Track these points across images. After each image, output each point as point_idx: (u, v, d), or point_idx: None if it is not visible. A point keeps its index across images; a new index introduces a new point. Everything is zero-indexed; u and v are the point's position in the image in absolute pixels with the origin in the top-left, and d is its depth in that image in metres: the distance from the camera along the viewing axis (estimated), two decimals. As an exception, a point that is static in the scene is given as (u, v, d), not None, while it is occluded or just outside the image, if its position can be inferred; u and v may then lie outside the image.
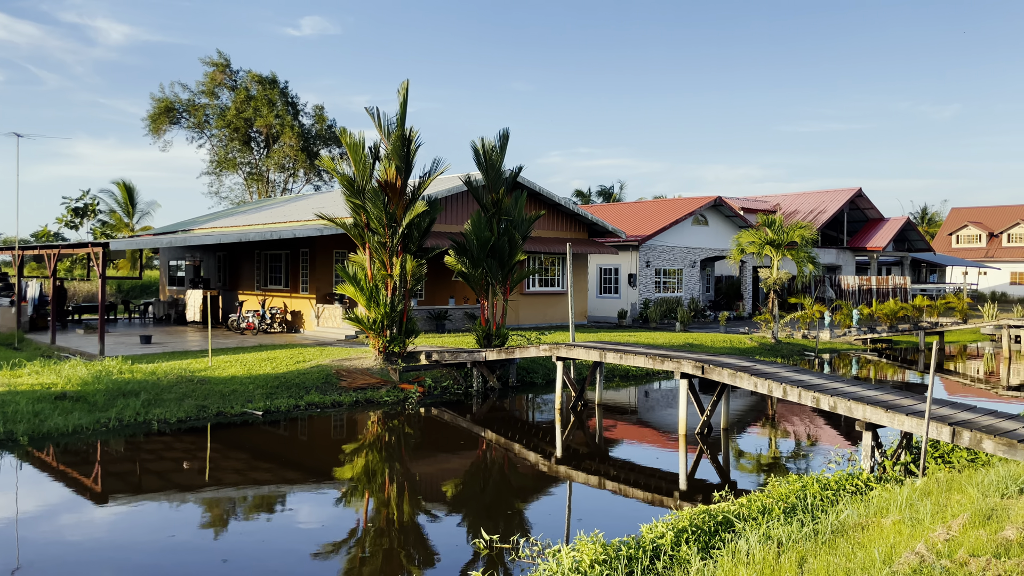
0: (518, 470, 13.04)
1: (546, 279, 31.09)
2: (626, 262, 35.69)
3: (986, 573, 4.82)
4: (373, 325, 18.74)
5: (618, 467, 12.89)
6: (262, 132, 55.90)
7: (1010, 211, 72.21)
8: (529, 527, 9.73)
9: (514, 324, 28.29)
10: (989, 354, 31.04)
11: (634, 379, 22.07)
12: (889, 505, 6.96)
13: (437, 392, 18.67)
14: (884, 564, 5.22)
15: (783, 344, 28.01)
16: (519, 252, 20.57)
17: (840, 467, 11.00)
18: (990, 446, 9.01)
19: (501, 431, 15.53)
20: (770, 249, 29.50)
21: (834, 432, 15.70)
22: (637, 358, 15.35)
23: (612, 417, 17.08)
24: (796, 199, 51.95)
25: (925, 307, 35.64)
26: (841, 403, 10.88)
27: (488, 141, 20.54)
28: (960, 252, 69.35)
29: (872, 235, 50.00)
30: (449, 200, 27.18)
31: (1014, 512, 5.93)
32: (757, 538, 6.43)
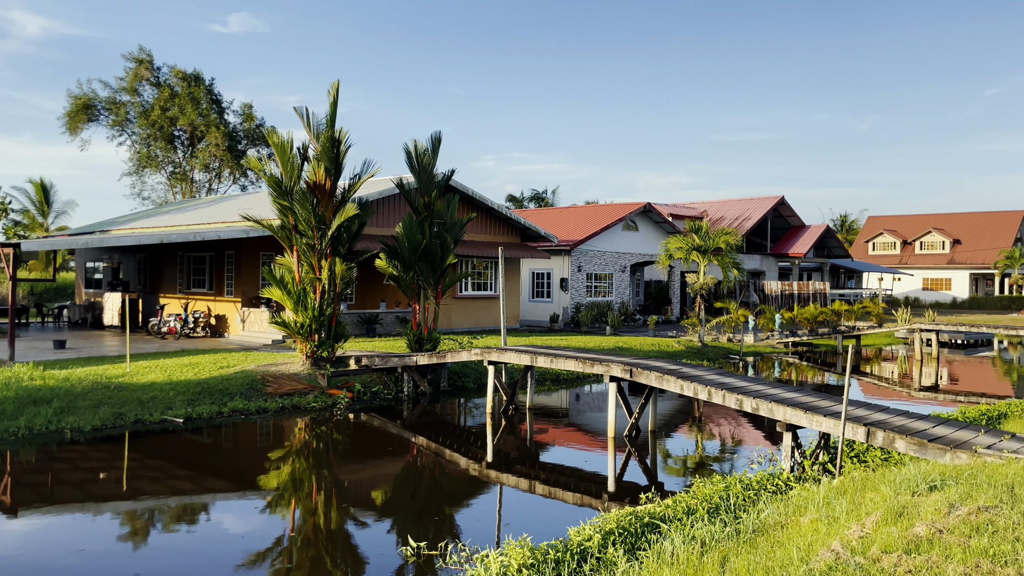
0: (449, 475, 12.97)
1: (479, 283, 31.07)
2: (558, 266, 35.97)
3: (897, 569, 5.00)
4: (301, 329, 18.38)
5: (548, 470, 12.95)
6: (186, 131, 54.29)
7: (923, 220, 75.66)
8: (459, 532, 9.68)
9: (446, 328, 28.17)
10: (903, 357, 32.40)
11: (565, 383, 22.23)
12: (807, 504, 7.16)
13: (367, 397, 18.43)
14: (801, 562, 5.37)
15: (709, 347, 28.65)
16: (451, 256, 20.50)
17: (762, 467, 11.29)
18: (902, 445, 9.39)
19: (432, 436, 15.43)
20: (697, 255, 30.16)
21: (758, 433, 16.12)
22: (567, 362, 15.46)
23: (543, 421, 17.16)
24: (722, 206, 53.29)
25: (843, 312, 36.98)
26: (763, 405, 11.17)
27: (420, 144, 20.42)
28: (876, 259, 72.31)
29: (794, 242, 51.65)
30: (381, 203, 26.90)
31: (924, 509, 6.18)
32: (682, 539, 6.54)
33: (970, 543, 5.30)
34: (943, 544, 5.33)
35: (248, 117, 56.60)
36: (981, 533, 5.48)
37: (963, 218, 73.42)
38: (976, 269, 67.57)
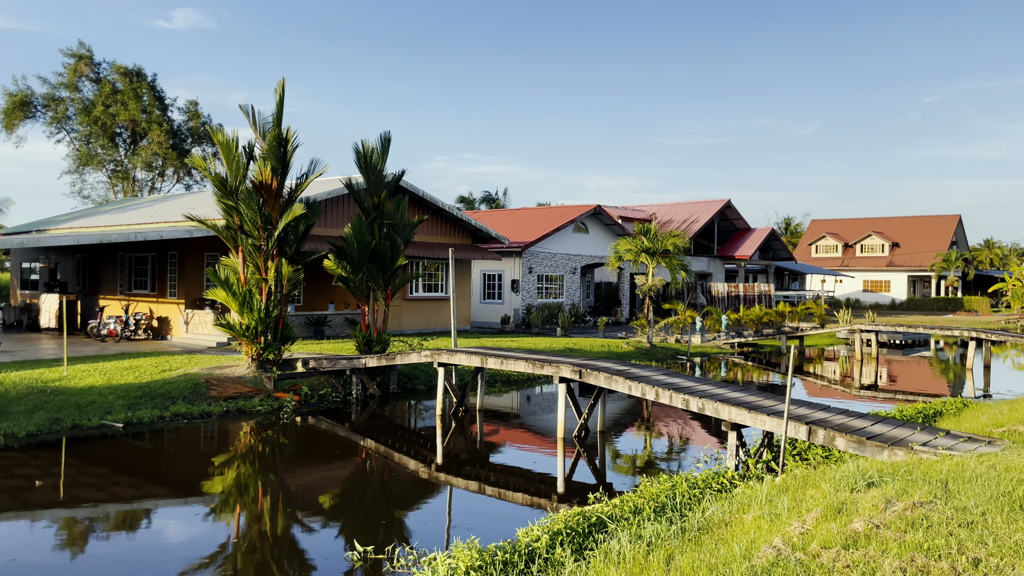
0: (398, 478, 12.86)
1: (430, 284, 30.93)
2: (509, 268, 36.01)
3: (836, 564, 5.11)
4: (246, 332, 18.05)
5: (498, 472, 12.94)
6: (128, 128, 52.86)
7: (863, 223, 77.84)
8: (408, 535, 9.61)
9: (396, 330, 27.97)
10: (844, 357, 33.25)
11: (516, 384, 22.26)
12: (751, 501, 7.29)
13: (314, 400, 18.18)
14: (744, 558, 5.46)
15: (658, 348, 29.00)
16: (401, 257, 20.35)
17: (708, 466, 11.46)
18: (842, 443, 9.63)
19: (381, 439, 15.29)
20: (646, 257, 30.50)
21: (704, 432, 16.36)
22: (518, 363, 15.48)
23: (493, 422, 17.15)
24: (671, 209, 54.03)
25: (787, 313, 37.81)
26: (709, 404, 11.34)
27: (369, 144, 20.23)
28: (819, 261, 74.13)
29: (740, 244, 52.64)
30: (329, 203, 26.58)
31: (862, 505, 6.34)
32: (628, 538, 6.59)
33: (906, 538, 5.45)
34: (880, 539, 5.47)
35: (193, 115, 55.39)
36: (916, 528, 5.64)
37: (902, 222, 75.75)
38: (914, 271, 69.77)
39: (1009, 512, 5.87)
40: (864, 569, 4.98)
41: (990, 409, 14.11)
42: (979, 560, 5.01)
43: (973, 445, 9.28)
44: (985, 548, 5.20)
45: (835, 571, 5.00)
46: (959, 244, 74.97)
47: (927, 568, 4.92)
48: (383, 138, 20.40)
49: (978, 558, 5.04)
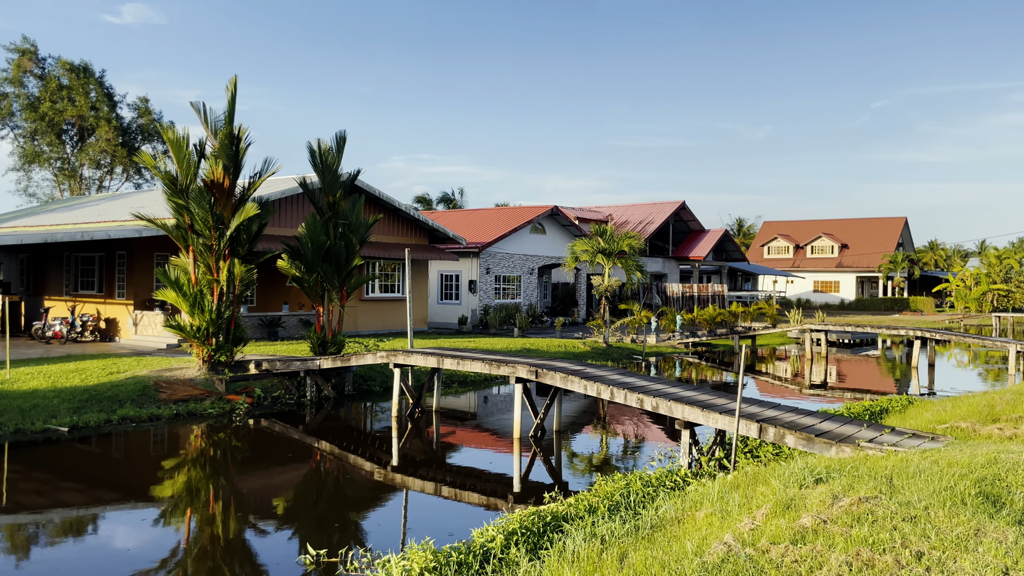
0: (353, 480, 12.75)
1: (386, 285, 30.72)
2: (467, 268, 35.96)
3: (784, 559, 5.21)
4: (197, 333, 17.71)
5: (455, 473, 12.90)
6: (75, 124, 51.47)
7: (813, 225, 79.51)
8: (363, 538, 9.53)
9: (352, 331, 27.72)
10: (795, 356, 33.91)
11: (473, 384, 22.23)
12: (703, 499, 7.38)
13: (267, 403, 17.92)
14: (695, 555, 5.52)
15: (614, 348, 29.23)
16: (357, 257, 20.17)
17: (662, 464, 11.59)
18: (792, 440, 9.82)
19: (336, 441, 15.14)
20: (602, 257, 30.72)
21: (659, 431, 16.53)
22: (474, 363, 15.46)
23: (450, 423, 17.10)
24: (627, 210, 54.52)
25: (740, 313, 38.43)
26: (663, 403, 11.47)
27: (324, 142, 20.02)
28: (771, 262, 75.51)
29: (694, 245, 53.34)
30: (283, 202, 26.24)
31: (810, 501, 6.46)
32: (583, 536, 6.62)
33: (852, 532, 5.57)
34: (827, 534, 5.58)
35: (143, 112, 54.19)
36: (862, 523, 5.77)
37: (851, 224, 77.57)
38: (862, 272, 71.49)
39: (951, 506, 6.04)
40: (811, 563, 5.08)
41: (934, 406, 14.52)
42: (922, 553, 5.14)
43: (917, 441, 9.54)
44: (928, 541, 5.34)
45: (783, 566, 5.10)
46: (905, 246, 77.05)
47: (872, 562, 5.03)
48: (338, 137, 20.21)
49: (921, 551, 5.18)
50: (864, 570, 4.91)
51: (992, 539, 5.33)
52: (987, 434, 11.17)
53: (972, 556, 5.02)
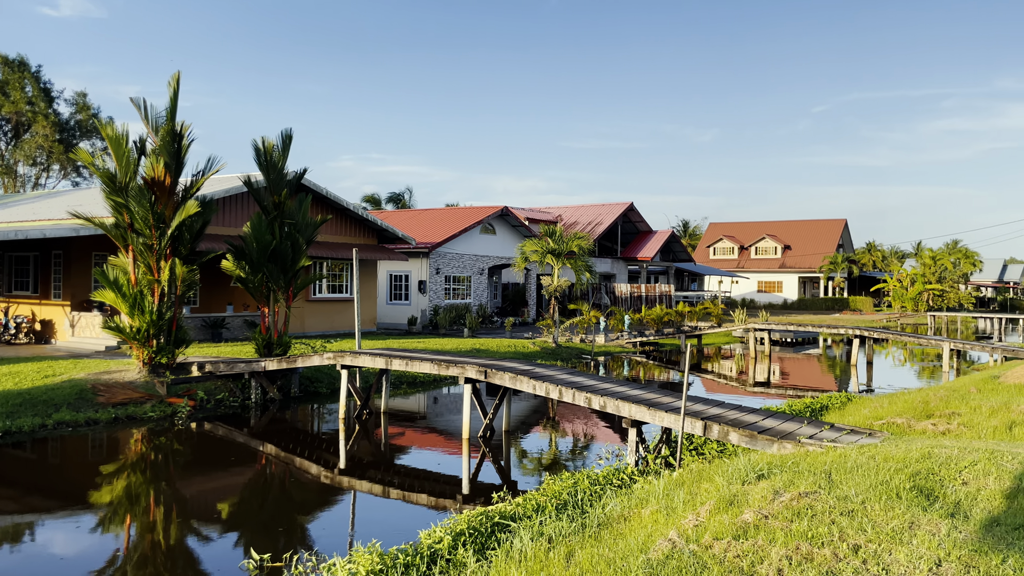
0: (299, 483, 12.56)
1: (335, 285, 30.35)
2: (416, 269, 35.76)
3: (727, 554, 5.30)
4: (137, 335, 17.25)
5: (403, 474, 12.81)
6: (10, 120, 49.67)
7: (757, 227, 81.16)
8: (309, 542, 9.39)
9: (299, 332, 27.32)
10: (739, 354, 34.56)
11: (422, 385, 22.11)
12: (649, 496, 7.47)
13: (211, 406, 17.54)
14: (640, 551, 5.59)
15: (563, 348, 29.39)
16: (303, 257, 19.88)
17: (609, 463, 11.69)
18: (735, 437, 9.99)
19: (282, 444, 14.90)
20: (551, 258, 30.86)
21: (608, 430, 16.67)
22: (423, 364, 15.37)
23: (399, 424, 16.98)
24: (576, 211, 54.88)
25: (687, 313, 39.01)
26: (610, 402, 11.57)
27: (270, 140, 19.69)
28: (716, 263, 76.84)
29: (642, 246, 53.97)
30: (228, 201, 25.74)
31: (752, 497, 6.59)
32: (530, 536, 6.64)
33: (792, 527, 5.69)
34: (768, 529, 5.70)
35: (82, 107, 52.57)
36: (802, 517, 5.90)
37: (793, 225, 79.39)
38: (804, 273, 73.24)
39: (886, 500, 6.22)
40: (753, 558, 5.17)
41: (871, 403, 14.94)
42: (859, 546, 5.29)
43: (855, 437, 9.80)
44: (864, 535, 5.49)
45: (726, 561, 5.18)
46: (845, 247, 79.18)
47: (811, 555, 5.15)
48: (284, 135, 19.90)
49: (858, 544, 5.32)
50: (803, 564, 5.03)
51: (926, 531, 5.51)
52: (921, 429, 11.54)
53: (907, 548, 5.18)
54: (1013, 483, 6.68)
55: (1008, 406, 12.75)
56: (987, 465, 7.24)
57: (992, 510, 6.05)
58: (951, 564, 4.91)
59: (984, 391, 15.11)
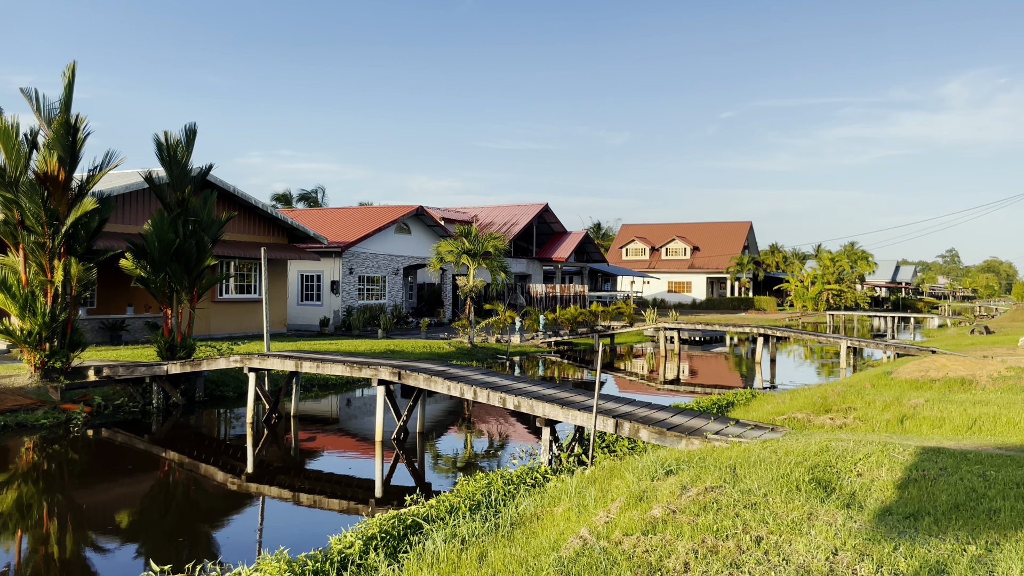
0: (205, 491, 12.12)
1: (242, 286, 29.47)
2: (329, 269, 35.09)
3: (636, 549, 5.38)
4: (28, 338, 16.30)
5: (314, 479, 12.54)
6: None
7: (668, 228, 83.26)
8: (215, 551, 9.07)
9: (205, 334, 26.41)
10: (651, 353, 35.36)
11: (334, 388, 21.71)
12: (562, 494, 7.53)
13: (109, 411, 16.75)
14: (552, 549, 5.62)
15: (479, 348, 29.40)
16: (209, 256, 19.22)
17: (523, 462, 11.74)
18: (645, 434, 10.20)
19: (186, 450, 14.35)
20: (467, 258, 30.84)
21: (523, 429, 16.75)
22: (335, 366, 15.09)
23: (310, 428, 16.61)
24: (492, 211, 55.00)
25: (600, 312, 39.65)
26: (525, 402, 11.63)
27: (173, 135, 18.96)
28: (629, 263, 78.42)
29: (557, 247, 54.55)
30: (128, 198, 24.65)
31: (660, 492, 6.73)
32: (443, 537, 6.59)
33: (698, 521, 5.83)
34: (676, 523, 5.82)
35: (-35, 96, 49.33)
36: (708, 511, 6.06)
37: (701, 227, 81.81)
38: (712, 273, 75.56)
39: (787, 492, 6.45)
40: (661, 552, 5.27)
41: (774, 399, 15.52)
42: (761, 538, 5.46)
43: (759, 432, 10.15)
44: (766, 526, 5.67)
45: (635, 556, 5.27)
46: (750, 248, 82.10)
47: (716, 548, 5.29)
48: (188, 130, 19.19)
49: (760, 536, 5.49)
50: (709, 556, 5.15)
51: (823, 522, 5.73)
52: (820, 424, 12.06)
53: (805, 539, 5.38)
54: (904, 474, 7.04)
55: (899, 400, 13.47)
56: (880, 457, 7.61)
57: (885, 500, 6.35)
58: (847, 553, 5.12)
59: (878, 386, 15.91)
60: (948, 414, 12.16)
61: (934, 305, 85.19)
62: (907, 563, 4.88)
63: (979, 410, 12.27)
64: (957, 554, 5.07)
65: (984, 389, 15.01)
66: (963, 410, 12.33)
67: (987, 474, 7.01)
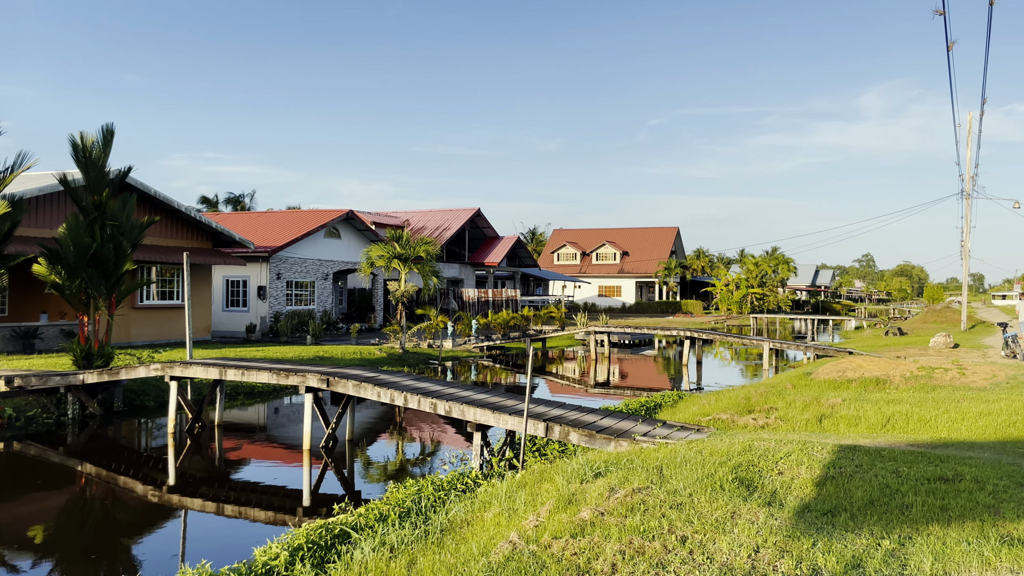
0: (124, 504, 11.68)
1: (165, 292, 28.55)
2: (256, 274, 34.31)
3: (564, 552, 5.42)
4: (-69, 347, 15.43)
5: (239, 489, 12.22)
6: None
7: (598, 233, 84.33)
8: (135, 566, 8.74)
9: (124, 342, 25.48)
10: (581, 356, 35.72)
11: (261, 396, 21.21)
12: (492, 499, 7.53)
13: (20, 423, 15.98)
14: (482, 555, 5.61)
15: (410, 354, 29.17)
16: (128, 261, 18.55)
17: (454, 467, 11.69)
18: (576, 437, 10.29)
19: (103, 463, 13.80)
20: (398, 263, 30.59)
21: (455, 434, 16.69)
22: (261, 374, 14.75)
23: (235, 437, 16.19)
24: (424, 216, 54.74)
25: (532, 317, 39.88)
26: (456, 407, 11.59)
27: (90, 136, 18.25)
28: (560, 268, 79.11)
29: (489, 252, 54.65)
30: (41, 201, 23.62)
31: (589, 495, 6.79)
32: (371, 546, 6.51)
33: (626, 522, 5.91)
34: (604, 525, 5.89)
35: None
36: (635, 512, 6.15)
37: (631, 233, 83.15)
38: (641, 278, 76.87)
39: (711, 492, 6.60)
40: (589, 555, 5.33)
41: (701, 400, 15.88)
42: (686, 537, 5.57)
43: (685, 433, 10.36)
44: (691, 526, 5.79)
45: (563, 559, 5.30)
46: (678, 253, 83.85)
47: (643, 548, 5.37)
48: (105, 130, 18.50)
49: (685, 536, 5.60)
50: (636, 557, 5.23)
51: (746, 520, 5.88)
52: (744, 424, 12.39)
53: (728, 537, 5.51)
54: (822, 471, 7.28)
55: (819, 400, 13.95)
56: (800, 455, 7.86)
57: (804, 497, 6.57)
58: (768, 550, 5.27)
59: (798, 387, 16.44)
60: (864, 413, 12.65)
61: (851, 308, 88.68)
62: (825, 558, 5.05)
63: (892, 409, 12.81)
64: (872, 548, 5.27)
65: (897, 388, 15.68)
66: (878, 409, 12.85)
67: (900, 470, 7.31)
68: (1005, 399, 13.30)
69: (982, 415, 12.06)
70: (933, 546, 5.24)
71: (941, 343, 26.84)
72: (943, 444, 9.91)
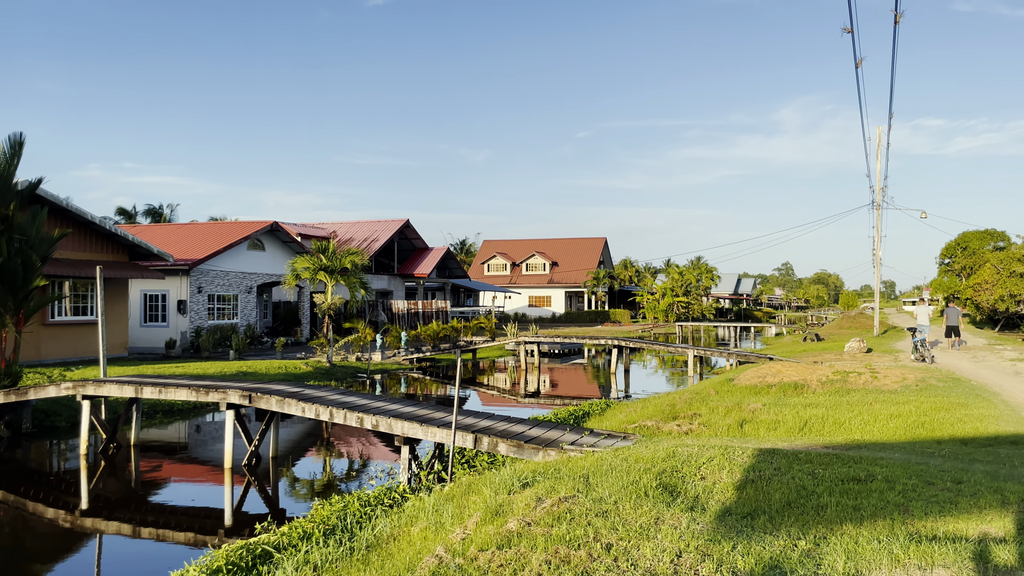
0: (32, 530, 11.12)
1: (78, 307, 27.36)
2: (175, 288, 33.24)
3: (491, 565, 5.40)
4: None
5: (157, 511, 11.78)
6: None
7: (528, 244, 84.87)
8: (40, 597, 8.32)
9: (35, 360, 24.31)
10: (512, 367, 35.79)
11: (181, 414, 20.52)
12: (419, 513, 7.46)
13: (-82, 448, 15.06)
14: (408, 570, 5.55)
15: (338, 367, 28.71)
16: (37, 276, 17.74)
17: (381, 482, 11.55)
18: (504, 448, 10.29)
19: (11, 486, 13.11)
20: (324, 275, 30.12)
21: (385, 449, 16.47)
22: (179, 391, 14.27)
23: (153, 457, 15.61)
24: (352, 227, 54.06)
25: (462, 328, 39.78)
26: (383, 421, 11.46)
27: (-5, 145, 17.41)
28: (491, 279, 79.23)
29: (419, 263, 54.32)
30: (-59, 212, 22.34)
31: (516, 505, 6.80)
32: (294, 566, 6.36)
33: (552, 532, 5.93)
34: (530, 535, 5.89)
35: None
36: (561, 521, 6.18)
37: (560, 243, 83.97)
38: (570, 288, 77.63)
39: (636, 499, 6.69)
40: (515, 566, 5.32)
41: (627, 408, 16.09)
42: (611, 545, 5.62)
43: (612, 441, 10.48)
44: (616, 533, 5.85)
45: (490, 571, 5.28)
46: (606, 263, 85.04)
47: (568, 557, 5.40)
48: (13, 140, 17.69)
49: (610, 543, 5.66)
50: (561, 566, 5.25)
51: (669, 526, 5.98)
52: (668, 430, 12.61)
53: (652, 543, 5.59)
54: (743, 475, 7.47)
55: (740, 405, 14.31)
56: (721, 460, 8.04)
57: (725, 501, 6.72)
58: (690, 554, 5.36)
59: (721, 393, 16.84)
60: (783, 417, 13.05)
61: (772, 315, 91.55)
62: (744, 561, 5.17)
63: (809, 412, 13.24)
64: (789, 549, 5.42)
65: (814, 392, 16.22)
66: (795, 413, 13.26)
67: (816, 472, 7.56)
68: (914, 401, 13.91)
69: (893, 417, 12.58)
70: (846, 545, 5.43)
71: (855, 348, 27.92)
72: (857, 445, 10.29)
